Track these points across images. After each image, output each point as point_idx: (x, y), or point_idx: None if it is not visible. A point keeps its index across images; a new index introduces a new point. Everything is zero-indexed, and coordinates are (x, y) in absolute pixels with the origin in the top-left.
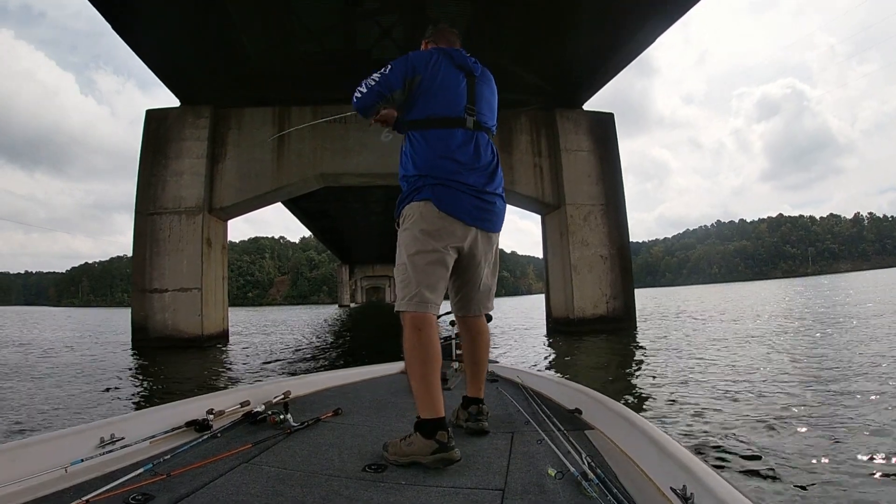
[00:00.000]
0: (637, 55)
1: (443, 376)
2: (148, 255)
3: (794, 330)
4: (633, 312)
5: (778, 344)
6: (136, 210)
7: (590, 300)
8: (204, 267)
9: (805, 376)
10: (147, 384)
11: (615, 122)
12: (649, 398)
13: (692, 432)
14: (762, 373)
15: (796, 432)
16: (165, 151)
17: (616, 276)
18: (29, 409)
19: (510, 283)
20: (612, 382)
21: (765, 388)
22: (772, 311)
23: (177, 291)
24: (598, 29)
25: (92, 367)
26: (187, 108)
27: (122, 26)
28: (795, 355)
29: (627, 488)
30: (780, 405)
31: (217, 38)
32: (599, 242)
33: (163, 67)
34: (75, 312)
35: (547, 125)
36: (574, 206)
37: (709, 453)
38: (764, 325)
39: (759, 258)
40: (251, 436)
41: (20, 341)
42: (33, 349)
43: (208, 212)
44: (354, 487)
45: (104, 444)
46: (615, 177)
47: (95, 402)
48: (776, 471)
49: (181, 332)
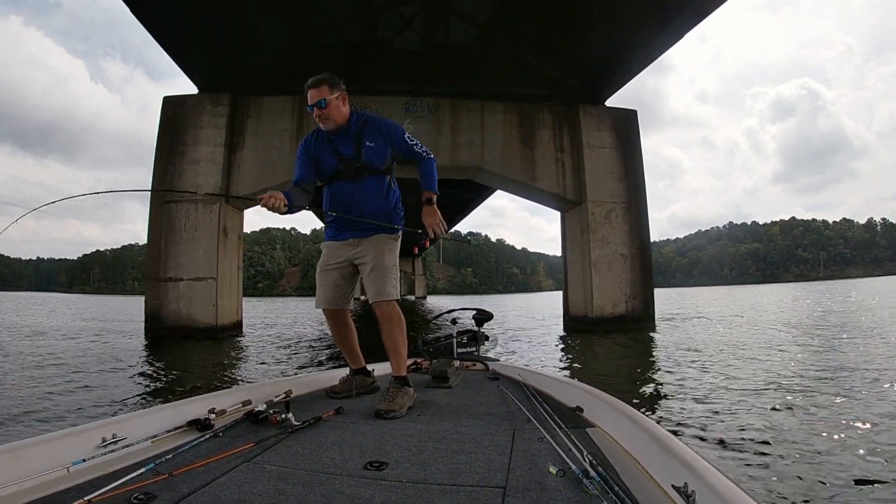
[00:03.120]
0: (662, 52)
1: (443, 374)
2: (163, 243)
3: (814, 334)
4: (653, 312)
5: (796, 348)
6: (152, 197)
7: (609, 299)
8: (220, 256)
9: (817, 379)
10: (164, 380)
11: (638, 118)
12: (672, 397)
13: (698, 431)
14: (776, 375)
15: (800, 433)
16: (183, 139)
17: (636, 275)
18: (38, 404)
19: (520, 280)
20: (641, 383)
21: (775, 389)
22: (791, 316)
23: (192, 280)
24: (620, 25)
25: (105, 359)
26: (206, 95)
27: (143, 13)
28: (811, 359)
29: (629, 486)
30: (787, 406)
31: (235, 27)
32: (620, 241)
33: (182, 54)
34: (87, 299)
35: (569, 121)
36: (595, 203)
37: (711, 451)
38: (784, 330)
39: (770, 261)
40: (253, 435)
41: (38, 329)
42: (47, 338)
43: (225, 201)
44: (356, 486)
45: (106, 443)
46: (637, 174)
47: (108, 400)
48: (779, 469)
49: (196, 321)
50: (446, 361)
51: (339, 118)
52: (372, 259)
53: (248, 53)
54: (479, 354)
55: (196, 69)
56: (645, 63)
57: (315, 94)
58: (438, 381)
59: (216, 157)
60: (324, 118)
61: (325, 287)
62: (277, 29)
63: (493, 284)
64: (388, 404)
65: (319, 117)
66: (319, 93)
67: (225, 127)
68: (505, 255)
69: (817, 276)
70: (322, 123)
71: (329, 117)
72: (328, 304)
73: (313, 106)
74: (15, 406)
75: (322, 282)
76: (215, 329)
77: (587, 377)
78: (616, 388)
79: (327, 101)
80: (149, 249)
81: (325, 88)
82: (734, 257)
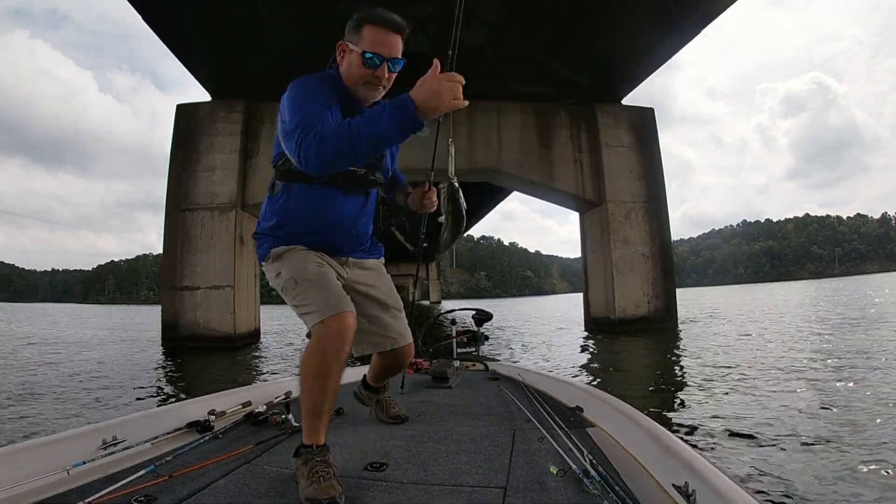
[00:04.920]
0: (677, 50)
1: (443, 374)
2: (179, 251)
3: (838, 335)
4: (675, 313)
5: (817, 349)
6: (167, 206)
7: (631, 300)
8: (237, 264)
9: (835, 381)
10: (184, 390)
11: (655, 116)
12: (698, 399)
13: (705, 431)
14: (794, 376)
15: (804, 433)
16: (197, 146)
17: (658, 275)
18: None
19: (534, 283)
20: (675, 386)
21: (791, 390)
22: (813, 314)
23: (209, 289)
24: (631, 21)
25: (123, 369)
26: (219, 102)
27: (155, 22)
28: (831, 361)
29: (629, 486)
30: (795, 406)
31: (247, 33)
32: (641, 241)
33: (195, 62)
34: (103, 310)
35: (586, 120)
36: (615, 203)
37: (711, 450)
38: (808, 330)
39: (785, 259)
40: (252, 436)
41: (57, 339)
42: (65, 348)
43: (241, 208)
44: (356, 487)
45: (106, 445)
46: (656, 173)
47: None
48: (780, 469)
49: (213, 330)
50: (446, 362)
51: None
52: (389, 293)
53: (261, 59)
54: (478, 354)
55: (209, 76)
56: (660, 60)
57: (395, 41)
58: (438, 382)
59: (231, 164)
60: (383, 88)
61: (332, 284)
62: (289, 34)
63: (506, 288)
64: (402, 409)
65: (375, 81)
66: (398, 44)
67: (240, 133)
68: (518, 258)
69: (833, 272)
70: (370, 91)
71: (388, 87)
72: (346, 304)
73: (380, 58)
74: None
75: (324, 281)
76: (233, 338)
77: (617, 381)
78: (647, 390)
79: (397, 66)
80: (165, 258)
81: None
82: (749, 256)
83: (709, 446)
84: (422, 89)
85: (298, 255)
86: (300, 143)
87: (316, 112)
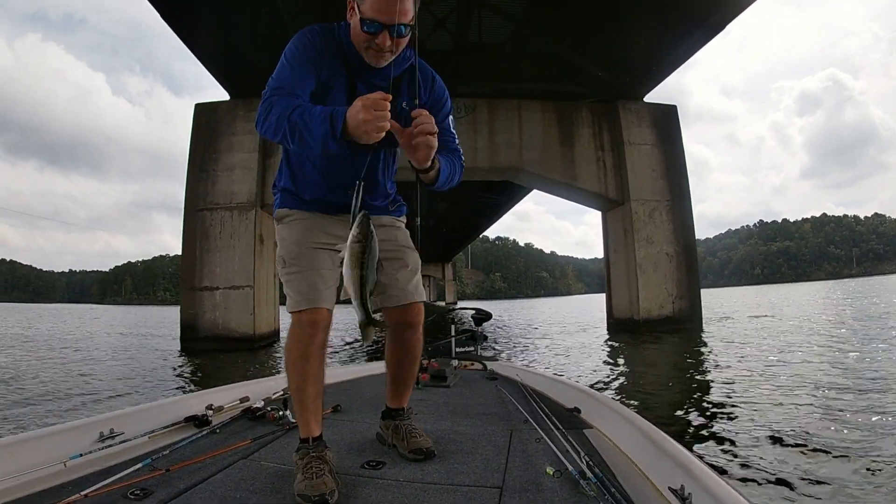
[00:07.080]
0: (699, 48)
1: (441, 374)
2: (198, 251)
3: (860, 339)
4: (700, 313)
5: (835, 353)
6: (186, 206)
7: (655, 300)
8: (256, 264)
9: (848, 387)
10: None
11: (678, 114)
12: (711, 407)
13: (706, 435)
14: (809, 379)
15: (803, 434)
16: (216, 146)
17: (682, 275)
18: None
19: (550, 284)
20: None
21: (800, 396)
22: (835, 316)
23: (228, 289)
24: (656, 17)
25: (143, 369)
26: (238, 100)
27: (175, 21)
28: (848, 365)
29: (625, 487)
30: (800, 409)
31: (266, 31)
32: (665, 240)
33: (214, 60)
34: (120, 310)
35: (609, 118)
36: (639, 202)
37: (708, 454)
38: (831, 335)
39: (802, 259)
40: (250, 431)
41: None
42: (85, 348)
43: (261, 207)
44: (353, 484)
45: (103, 438)
46: (680, 171)
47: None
48: (776, 473)
49: (232, 331)
50: (444, 361)
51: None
52: (397, 249)
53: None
54: (477, 353)
55: (227, 75)
56: (683, 58)
57: (400, 7)
58: (436, 381)
59: (250, 163)
60: (389, 53)
61: (312, 273)
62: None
63: (522, 289)
64: (428, 440)
65: (376, 48)
66: (406, 8)
67: None
68: (533, 259)
69: (850, 273)
70: (376, 58)
71: (395, 53)
72: (323, 299)
73: (379, 25)
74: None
75: (308, 264)
76: (253, 338)
77: (648, 382)
78: (674, 393)
79: (408, 29)
80: (184, 258)
81: (412, 1)
82: (765, 256)
83: (708, 449)
84: (350, 114)
85: (297, 228)
86: (262, 102)
87: (289, 80)
